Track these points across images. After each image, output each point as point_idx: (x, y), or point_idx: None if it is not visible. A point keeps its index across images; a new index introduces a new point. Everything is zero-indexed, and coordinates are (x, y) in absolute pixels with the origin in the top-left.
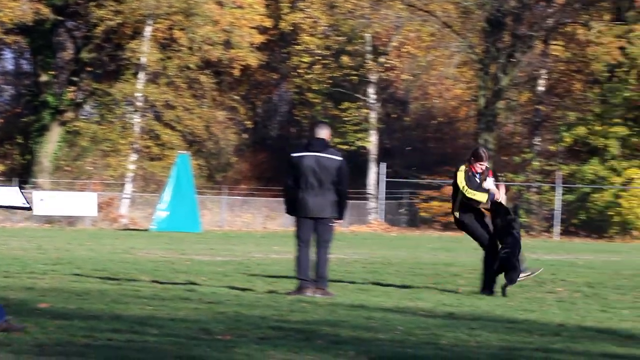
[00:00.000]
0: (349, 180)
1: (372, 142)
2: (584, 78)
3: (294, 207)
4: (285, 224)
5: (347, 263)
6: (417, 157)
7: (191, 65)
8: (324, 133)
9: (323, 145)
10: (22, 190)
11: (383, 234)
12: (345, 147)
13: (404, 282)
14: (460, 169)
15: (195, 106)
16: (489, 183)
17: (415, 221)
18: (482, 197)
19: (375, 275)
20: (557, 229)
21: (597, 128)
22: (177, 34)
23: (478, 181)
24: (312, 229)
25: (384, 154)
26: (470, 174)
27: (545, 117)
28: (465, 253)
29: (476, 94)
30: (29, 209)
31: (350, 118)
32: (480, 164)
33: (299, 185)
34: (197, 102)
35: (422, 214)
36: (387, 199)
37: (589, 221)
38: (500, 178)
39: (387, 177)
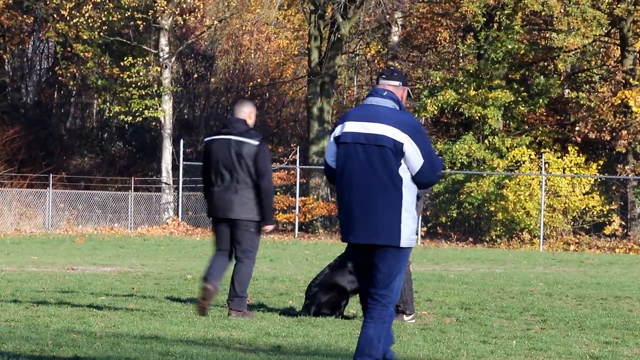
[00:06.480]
0: (271, 172)
1: (166, 111)
2: (452, 24)
3: (208, 206)
4: (46, 225)
5: (135, 278)
6: None
7: None
8: (244, 112)
9: (240, 127)
10: None
11: (183, 237)
12: (128, 118)
13: (214, 303)
14: None
15: None
16: None
17: None
18: None
19: (173, 294)
20: (418, 229)
21: (472, 93)
22: None
23: None
24: (227, 234)
25: (182, 129)
26: None
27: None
28: (294, 264)
29: (308, 45)
30: None
31: (135, 79)
32: None
33: (210, 177)
34: None
35: None
36: (187, 189)
37: (462, 220)
38: None
39: (187, 160)
